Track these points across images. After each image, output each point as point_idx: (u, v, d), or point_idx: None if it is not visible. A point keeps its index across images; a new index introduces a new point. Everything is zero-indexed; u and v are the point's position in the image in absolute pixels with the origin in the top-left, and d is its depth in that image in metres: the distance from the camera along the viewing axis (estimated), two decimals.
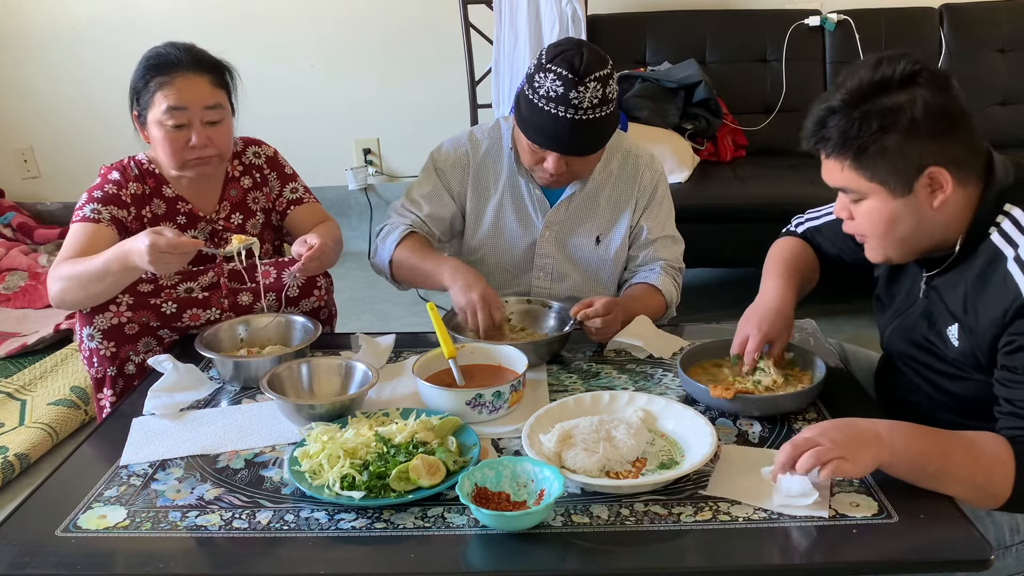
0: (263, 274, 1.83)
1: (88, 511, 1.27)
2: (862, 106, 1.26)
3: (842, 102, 1.28)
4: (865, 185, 1.30)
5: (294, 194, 2.05)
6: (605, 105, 1.73)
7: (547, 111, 1.71)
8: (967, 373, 1.37)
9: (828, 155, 1.32)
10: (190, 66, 1.82)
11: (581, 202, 1.96)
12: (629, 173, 1.97)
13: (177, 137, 1.81)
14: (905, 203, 1.29)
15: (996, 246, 1.30)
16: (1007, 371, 1.27)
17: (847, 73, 1.31)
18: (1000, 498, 1.23)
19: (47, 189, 4.29)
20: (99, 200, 1.84)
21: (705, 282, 3.37)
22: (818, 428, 1.23)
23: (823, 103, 1.31)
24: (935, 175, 1.27)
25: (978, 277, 1.31)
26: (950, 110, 1.26)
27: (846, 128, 1.27)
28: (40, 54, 4.09)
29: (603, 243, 1.98)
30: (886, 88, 1.26)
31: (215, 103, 1.84)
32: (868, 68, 1.28)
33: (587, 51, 1.71)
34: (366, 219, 4.24)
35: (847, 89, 1.28)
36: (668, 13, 3.70)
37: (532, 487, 1.26)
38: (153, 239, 1.61)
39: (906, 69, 1.25)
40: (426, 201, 1.98)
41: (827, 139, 1.30)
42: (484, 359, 1.63)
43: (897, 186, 1.28)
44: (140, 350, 1.83)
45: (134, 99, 1.87)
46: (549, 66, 1.71)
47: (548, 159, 1.79)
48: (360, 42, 4.04)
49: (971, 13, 3.55)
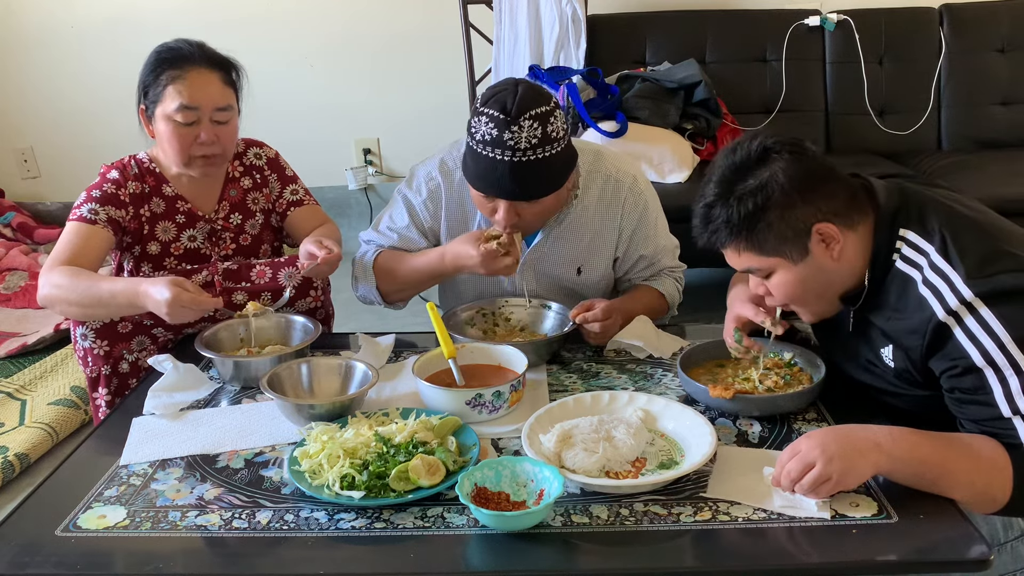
0: (258, 274, 1.84)
1: (88, 511, 1.27)
2: (733, 192, 1.33)
3: (715, 195, 1.35)
4: (766, 261, 1.37)
5: (294, 196, 2.05)
6: (548, 144, 1.61)
7: (484, 155, 1.62)
8: (906, 389, 1.40)
9: (724, 245, 1.38)
10: (202, 61, 1.83)
11: (560, 235, 1.85)
12: (609, 199, 1.85)
13: (186, 133, 1.81)
14: (807, 265, 1.35)
15: (903, 272, 1.34)
16: (960, 392, 1.29)
17: (711, 169, 1.39)
18: (999, 502, 1.23)
19: (47, 189, 4.29)
20: (97, 200, 1.84)
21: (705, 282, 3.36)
22: (816, 438, 1.22)
23: (700, 202, 1.38)
24: (823, 231, 1.33)
25: (895, 304, 1.35)
26: (811, 169, 1.33)
27: (728, 216, 1.34)
28: (40, 54, 4.09)
29: (585, 273, 1.89)
30: (747, 169, 1.33)
31: (226, 104, 1.84)
32: (727, 155, 1.36)
33: (522, 89, 1.62)
34: (366, 219, 4.24)
35: (714, 182, 1.36)
36: (668, 13, 3.70)
37: (532, 487, 1.26)
38: (176, 294, 1.58)
39: (759, 147, 1.34)
40: (397, 234, 1.91)
41: (716, 231, 1.37)
42: (484, 359, 1.63)
43: (794, 252, 1.34)
44: (134, 348, 1.84)
45: (142, 93, 1.86)
46: (483, 109, 1.62)
47: (499, 209, 1.68)
48: (360, 42, 4.04)
49: (971, 13, 3.55)
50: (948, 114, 3.58)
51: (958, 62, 3.54)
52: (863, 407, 1.47)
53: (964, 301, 1.25)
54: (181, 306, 1.59)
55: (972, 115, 3.57)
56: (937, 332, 1.28)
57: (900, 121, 3.54)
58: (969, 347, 1.24)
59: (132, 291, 1.65)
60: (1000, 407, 1.23)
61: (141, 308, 1.66)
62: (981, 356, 1.23)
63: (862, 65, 3.52)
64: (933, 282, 1.29)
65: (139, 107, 1.88)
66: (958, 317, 1.25)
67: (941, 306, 1.27)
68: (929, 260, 1.30)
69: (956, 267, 1.27)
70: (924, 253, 1.32)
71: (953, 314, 1.26)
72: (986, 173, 3.20)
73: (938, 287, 1.28)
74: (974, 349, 1.24)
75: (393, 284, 1.89)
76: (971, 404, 1.27)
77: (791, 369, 1.57)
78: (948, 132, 3.59)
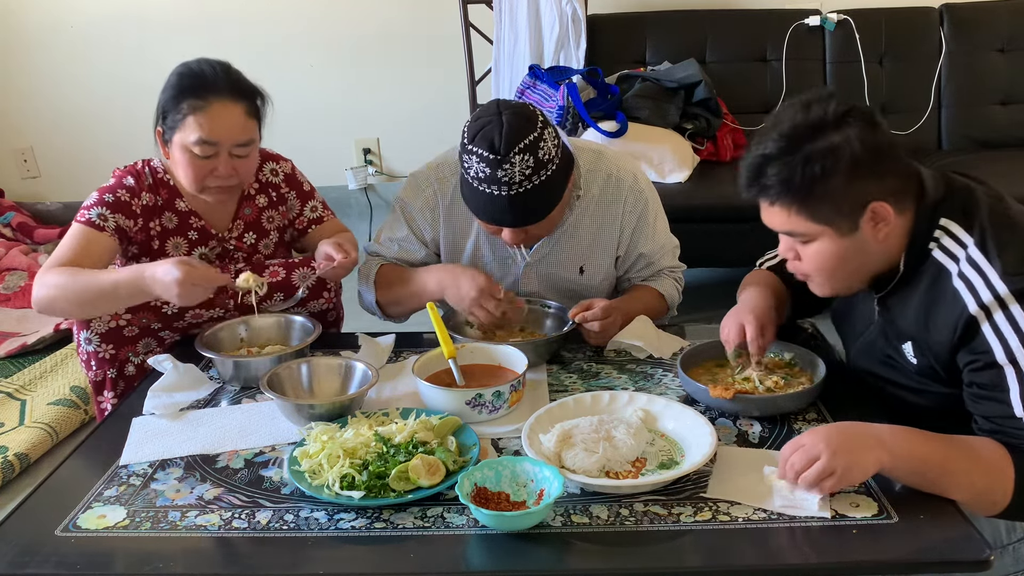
0: (272, 274, 1.82)
1: (88, 511, 1.27)
2: (800, 150, 1.26)
3: (779, 149, 1.27)
4: (813, 228, 1.30)
5: (314, 213, 2.01)
6: (542, 169, 1.61)
7: (481, 191, 1.63)
8: (927, 386, 1.39)
9: (772, 203, 1.31)
10: (226, 91, 1.73)
11: (561, 236, 1.85)
12: (611, 198, 1.85)
13: (203, 165, 1.75)
14: (852, 240, 1.31)
15: (939, 262, 1.31)
16: (977, 387, 1.28)
17: (774, 118, 1.31)
18: (999, 505, 1.23)
19: (47, 189, 4.29)
20: (109, 205, 1.78)
21: (705, 282, 3.37)
22: (820, 433, 1.22)
23: (756, 151, 1.30)
24: (878, 210, 1.28)
25: (926, 295, 1.33)
26: (882, 144, 1.28)
27: (789, 175, 1.26)
28: (40, 54, 4.09)
29: (587, 272, 1.89)
30: (821, 130, 1.26)
31: (247, 139, 1.77)
32: (799, 111, 1.28)
33: (507, 120, 1.59)
34: (366, 219, 4.24)
35: (780, 135, 1.27)
36: (668, 13, 3.70)
37: (532, 487, 1.26)
38: (186, 272, 1.55)
39: (838, 110, 1.26)
40: (397, 244, 1.92)
41: (768, 187, 1.29)
42: (484, 359, 1.63)
43: (844, 225, 1.29)
44: (140, 351, 1.83)
45: (161, 115, 1.78)
46: (471, 147, 1.61)
47: (504, 230, 1.70)
48: (360, 42, 4.04)
49: (971, 13, 3.55)
50: (948, 114, 3.58)
51: (958, 62, 3.54)
52: (863, 407, 1.47)
53: (997, 296, 1.23)
54: (193, 284, 1.56)
55: (972, 115, 3.57)
56: (968, 325, 1.26)
57: (900, 121, 3.54)
58: (994, 342, 1.23)
59: (137, 277, 1.62)
60: (1014, 406, 1.22)
61: (148, 295, 1.62)
62: (1004, 353, 1.22)
63: (862, 65, 3.52)
64: (968, 275, 1.27)
65: (156, 128, 1.80)
66: (988, 312, 1.24)
67: (974, 299, 1.25)
68: (967, 253, 1.29)
69: (993, 262, 1.26)
70: (963, 245, 1.30)
71: (984, 308, 1.24)
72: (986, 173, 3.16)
73: (972, 281, 1.26)
74: (999, 345, 1.23)
75: (392, 299, 1.90)
76: (987, 400, 1.26)
77: (791, 369, 1.57)
78: (948, 132, 3.59)
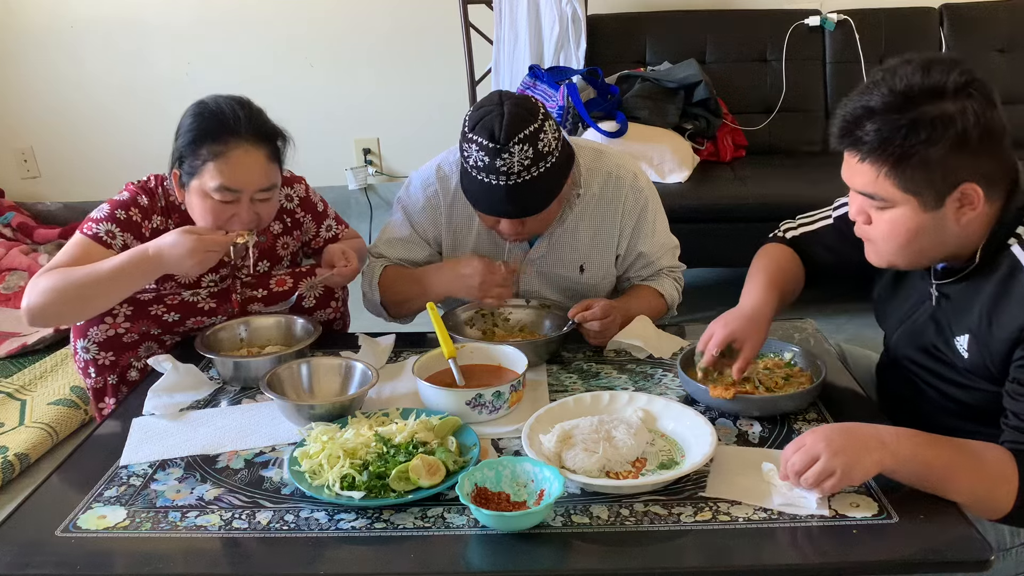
0: (278, 283, 1.83)
1: (88, 511, 1.27)
2: (909, 112, 1.18)
3: (887, 105, 1.19)
4: (897, 194, 1.24)
5: (329, 232, 2.00)
6: (541, 161, 1.60)
7: (480, 180, 1.63)
8: (975, 383, 1.36)
9: (862, 158, 1.24)
10: (247, 135, 1.67)
11: (561, 235, 1.85)
12: (611, 196, 1.84)
13: (223, 211, 1.69)
14: (932, 217, 1.24)
15: (1017, 258, 1.27)
16: (1018, 384, 1.25)
17: (889, 72, 1.22)
18: (1001, 511, 1.23)
19: (47, 189, 4.29)
20: (119, 223, 1.72)
21: (705, 282, 3.37)
22: (821, 433, 1.22)
23: (860, 100, 1.22)
24: (967, 191, 1.22)
25: (996, 289, 1.29)
26: (994, 126, 1.20)
27: (890, 134, 1.19)
28: (40, 54, 4.09)
29: (588, 271, 1.89)
30: (938, 96, 1.18)
31: (269, 185, 1.71)
32: (918, 71, 1.19)
33: (508, 110, 1.59)
34: (366, 219, 4.24)
35: (892, 90, 1.20)
36: (668, 13, 3.70)
37: (532, 487, 1.26)
38: (196, 240, 1.54)
39: (960, 78, 1.18)
40: (400, 245, 1.92)
41: (864, 141, 1.22)
42: (484, 359, 1.63)
43: (930, 199, 1.23)
44: (141, 355, 1.80)
45: (177, 159, 1.70)
46: (471, 136, 1.61)
47: (501, 222, 1.71)
48: (360, 42, 4.03)
49: (971, 13, 3.55)
50: None
51: None
52: (863, 408, 1.47)
53: None
54: (206, 250, 1.55)
55: None
56: None
57: None
58: None
59: (140, 258, 1.58)
60: None
61: (156, 272, 1.60)
62: None
63: (862, 65, 3.52)
64: None
65: (171, 170, 1.73)
66: None
67: None
68: None
69: None
70: None
71: None
72: None
73: None
74: None
75: (396, 299, 1.90)
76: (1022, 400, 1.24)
77: (791, 369, 1.57)
78: None
